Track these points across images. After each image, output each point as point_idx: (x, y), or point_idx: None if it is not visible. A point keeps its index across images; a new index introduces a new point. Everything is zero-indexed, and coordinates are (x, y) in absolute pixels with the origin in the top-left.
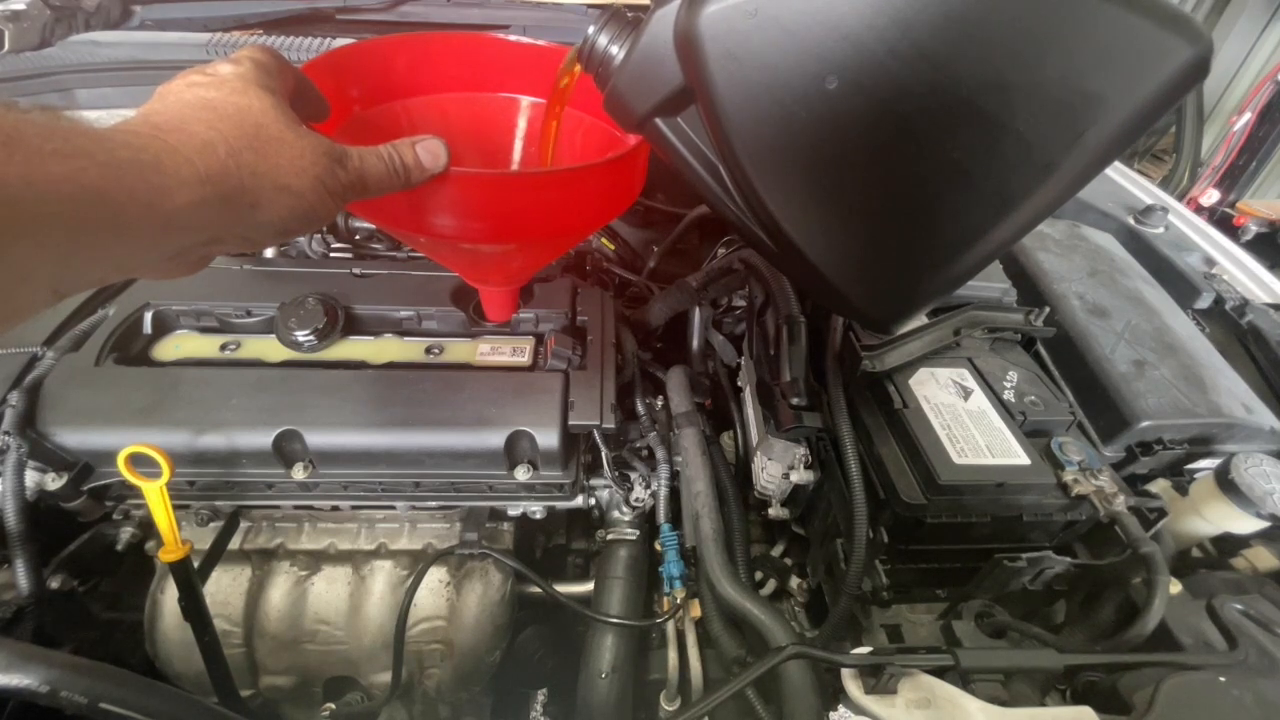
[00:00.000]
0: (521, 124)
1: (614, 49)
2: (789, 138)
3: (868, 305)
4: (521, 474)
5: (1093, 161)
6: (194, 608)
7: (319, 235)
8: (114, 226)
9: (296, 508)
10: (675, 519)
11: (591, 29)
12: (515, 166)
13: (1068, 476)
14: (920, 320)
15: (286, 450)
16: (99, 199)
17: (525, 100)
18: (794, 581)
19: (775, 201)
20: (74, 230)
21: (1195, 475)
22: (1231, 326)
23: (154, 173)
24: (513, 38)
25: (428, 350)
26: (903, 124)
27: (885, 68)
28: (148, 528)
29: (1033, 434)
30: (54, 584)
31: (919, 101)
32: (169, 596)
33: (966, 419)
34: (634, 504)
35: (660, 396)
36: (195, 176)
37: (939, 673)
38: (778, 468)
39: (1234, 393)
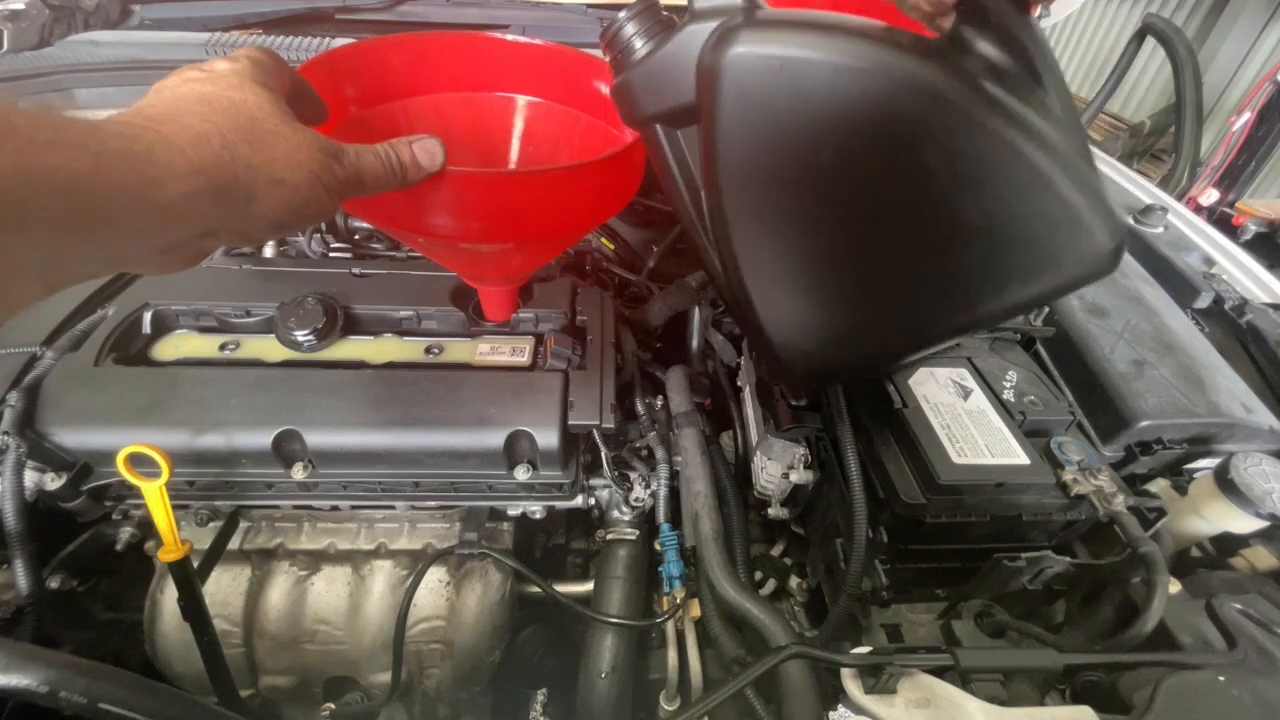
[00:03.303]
0: (519, 123)
1: (638, 42)
2: (773, 190)
3: (788, 358)
4: (521, 474)
5: (993, 315)
6: (193, 608)
7: (318, 235)
8: (107, 218)
9: (296, 508)
10: (675, 519)
11: (623, 14)
12: (513, 166)
13: (1067, 476)
14: None
15: (286, 450)
16: (91, 189)
17: (522, 100)
18: (794, 581)
19: (740, 241)
20: (66, 221)
21: (1194, 475)
22: (1231, 326)
23: (147, 164)
24: (509, 37)
25: (427, 350)
26: (870, 218)
27: (867, 164)
28: (147, 528)
29: (1032, 434)
30: (53, 584)
31: (887, 205)
32: (168, 596)
33: (966, 419)
34: (634, 504)
35: (660, 396)
36: (189, 168)
37: (939, 672)
38: (777, 467)
39: (1233, 392)
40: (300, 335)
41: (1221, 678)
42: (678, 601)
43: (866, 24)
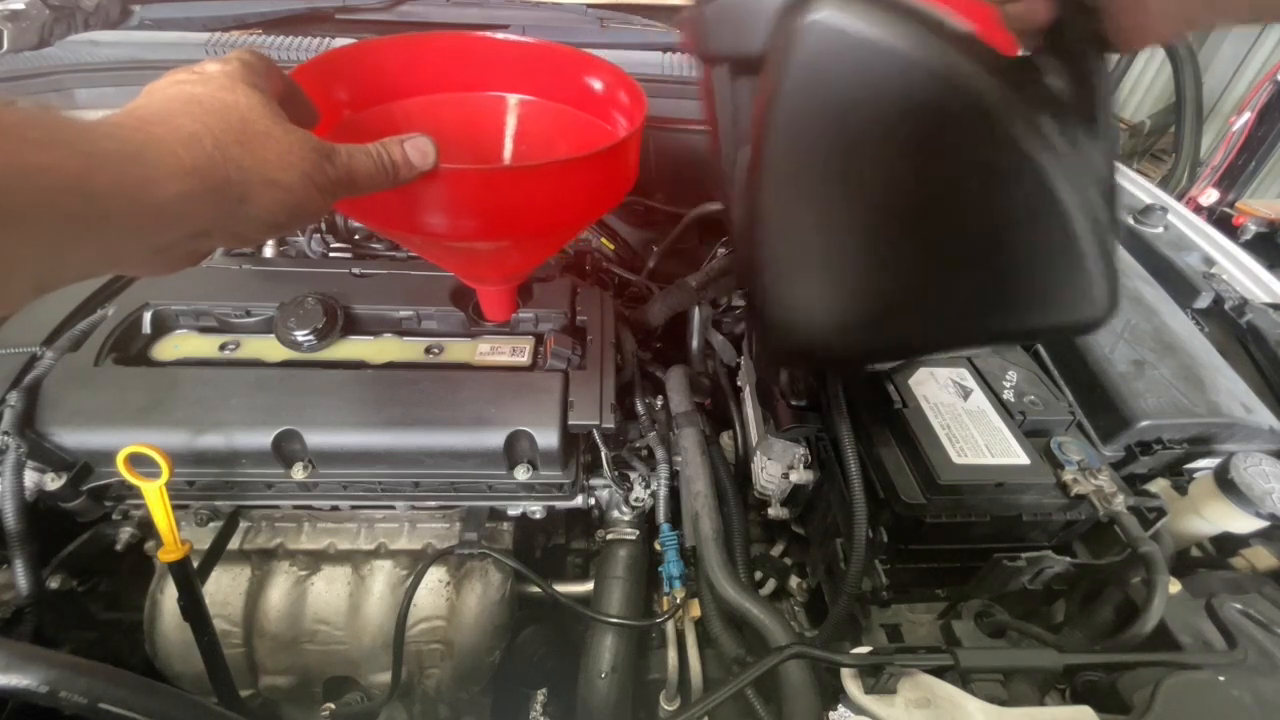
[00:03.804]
0: (512, 122)
1: None
2: (815, 161)
3: (776, 324)
4: (521, 474)
5: (979, 338)
6: (193, 608)
7: (318, 235)
8: (98, 217)
9: (296, 508)
10: (675, 519)
11: None
12: (507, 163)
13: (1067, 476)
14: None
15: (286, 450)
16: (83, 189)
17: (514, 98)
18: (794, 581)
19: (769, 201)
20: (58, 221)
21: (1194, 475)
22: (1231, 326)
23: (138, 164)
24: (502, 36)
25: (427, 350)
26: (897, 211)
27: (911, 159)
28: (147, 528)
29: (1032, 434)
30: (53, 584)
31: (918, 203)
32: (168, 596)
33: (966, 418)
34: (634, 504)
35: (660, 396)
36: (181, 168)
37: (939, 672)
38: (777, 467)
39: (1233, 392)
40: (300, 335)
41: (1221, 678)
42: (678, 601)
43: (950, 24)
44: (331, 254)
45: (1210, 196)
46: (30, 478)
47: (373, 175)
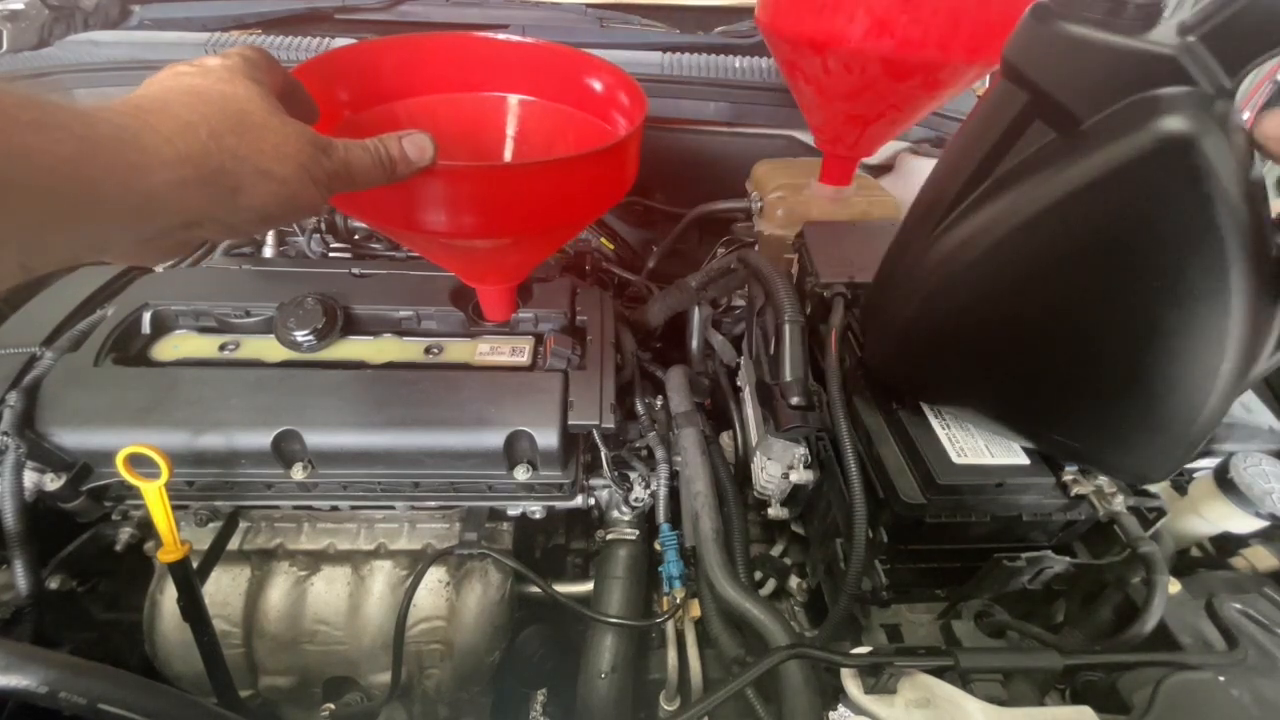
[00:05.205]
0: (513, 122)
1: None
2: (1056, 244)
3: (893, 347)
4: (521, 474)
5: (1034, 432)
6: (193, 608)
7: (318, 235)
8: (89, 201)
9: (296, 508)
10: (675, 519)
11: None
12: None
13: (1067, 476)
14: None
15: (285, 450)
16: (75, 172)
17: (514, 98)
18: (794, 581)
19: (978, 246)
20: (47, 202)
21: (1194, 474)
22: None
23: (133, 150)
24: (502, 36)
25: (427, 350)
26: (1077, 320)
27: (1132, 287)
28: (147, 528)
29: None
30: (53, 584)
31: (1102, 319)
32: (168, 597)
33: (965, 418)
34: (633, 504)
35: (660, 396)
36: (175, 156)
37: (938, 672)
38: (777, 468)
39: None
40: (300, 335)
41: (1221, 678)
42: (678, 601)
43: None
44: (331, 254)
45: None
46: (30, 478)
47: (370, 170)
